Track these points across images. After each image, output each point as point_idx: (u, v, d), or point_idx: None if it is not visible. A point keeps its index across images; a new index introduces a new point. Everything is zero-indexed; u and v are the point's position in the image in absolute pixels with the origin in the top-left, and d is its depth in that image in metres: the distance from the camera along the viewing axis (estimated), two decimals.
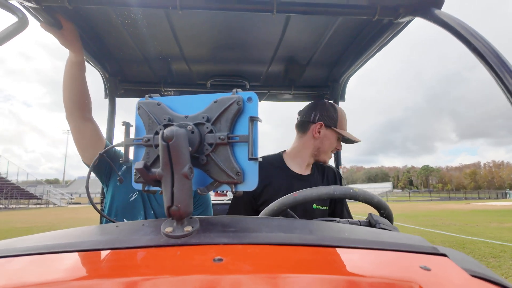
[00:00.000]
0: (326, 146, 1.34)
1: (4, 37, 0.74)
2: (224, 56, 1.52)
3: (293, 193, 0.82)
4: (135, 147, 0.60)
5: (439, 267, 0.43)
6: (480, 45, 0.69)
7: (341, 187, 0.84)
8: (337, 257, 0.46)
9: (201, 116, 0.55)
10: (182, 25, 1.23)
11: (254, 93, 0.56)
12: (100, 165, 1.29)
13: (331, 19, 1.20)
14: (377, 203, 0.87)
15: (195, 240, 0.46)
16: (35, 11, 0.97)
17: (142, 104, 0.59)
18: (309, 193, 0.82)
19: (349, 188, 0.85)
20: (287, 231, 0.50)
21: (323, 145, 1.34)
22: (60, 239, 0.51)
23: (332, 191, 0.83)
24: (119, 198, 1.27)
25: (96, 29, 1.26)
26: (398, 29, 1.11)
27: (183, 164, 0.46)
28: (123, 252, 0.45)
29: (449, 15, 0.79)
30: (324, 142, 1.34)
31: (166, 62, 1.57)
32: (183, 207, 0.47)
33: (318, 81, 1.83)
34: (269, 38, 1.34)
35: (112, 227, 0.54)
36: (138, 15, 1.14)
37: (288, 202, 0.81)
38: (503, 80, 0.64)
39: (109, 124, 1.74)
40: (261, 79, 1.79)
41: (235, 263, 0.41)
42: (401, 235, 0.56)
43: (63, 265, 0.43)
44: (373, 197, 0.86)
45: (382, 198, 0.90)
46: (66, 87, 1.16)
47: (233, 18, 1.18)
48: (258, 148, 0.55)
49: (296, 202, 0.81)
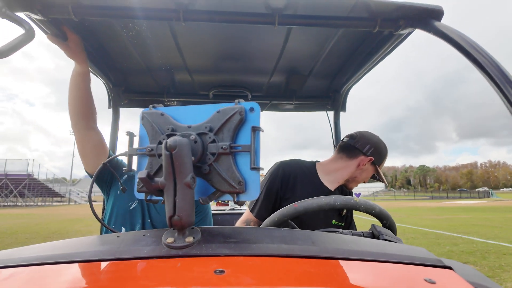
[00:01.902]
0: (362, 178, 1.37)
1: (11, 48, 0.76)
2: (226, 66, 1.54)
3: (293, 204, 0.82)
4: (138, 156, 0.61)
5: (444, 280, 0.42)
6: (480, 57, 0.69)
7: (342, 197, 0.83)
8: (340, 269, 0.45)
9: (204, 126, 0.56)
10: (185, 37, 1.25)
11: (256, 103, 0.56)
12: (101, 174, 1.29)
13: (332, 31, 1.22)
14: (379, 213, 0.86)
15: (196, 251, 0.45)
16: (42, 23, 0.99)
17: (145, 114, 0.59)
18: (310, 203, 0.81)
19: (350, 198, 0.84)
20: (289, 243, 0.50)
21: (361, 176, 1.37)
22: (61, 249, 0.50)
23: (333, 202, 0.82)
24: (120, 206, 1.27)
25: (101, 40, 1.29)
26: (398, 41, 1.12)
27: (185, 174, 0.46)
28: (124, 263, 0.44)
29: (449, 27, 0.80)
30: (363, 174, 1.36)
31: (169, 72, 1.59)
32: (185, 217, 0.46)
33: (320, 92, 1.84)
34: (270, 49, 1.35)
35: (113, 237, 0.54)
36: (142, 26, 1.17)
37: (289, 213, 0.80)
38: (503, 91, 0.64)
39: (112, 133, 1.75)
40: (263, 89, 1.80)
41: (236, 275, 0.40)
42: (405, 247, 0.56)
43: (63, 276, 0.42)
44: (375, 207, 0.85)
45: (369, 198, 0.89)
46: (71, 97, 1.17)
47: (235, 29, 1.21)
48: (260, 158, 0.55)
49: (297, 213, 0.80)
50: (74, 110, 1.18)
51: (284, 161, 1.37)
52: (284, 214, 0.80)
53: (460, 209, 19.89)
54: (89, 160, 1.23)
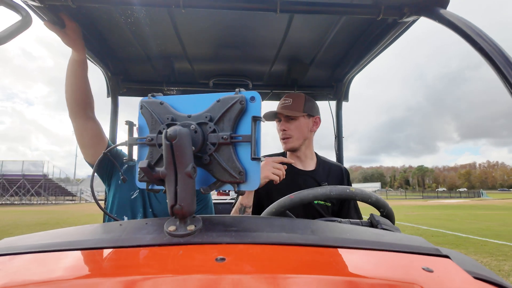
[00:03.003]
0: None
1: (7, 36, 0.74)
2: (227, 55, 1.52)
3: (289, 195, 0.83)
4: (139, 146, 0.61)
5: (442, 268, 0.43)
6: (486, 45, 0.68)
7: (338, 187, 0.85)
8: (339, 257, 0.46)
9: (204, 115, 0.55)
10: (185, 24, 1.23)
11: (257, 92, 0.55)
12: (102, 164, 1.29)
13: (335, 18, 1.19)
14: (375, 202, 0.87)
15: (197, 239, 0.46)
16: (39, 9, 0.97)
17: (145, 103, 0.59)
18: (306, 194, 0.83)
19: (346, 188, 0.85)
20: (289, 231, 0.50)
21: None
22: (64, 237, 0.51)
23: (329, 192, 0.83)
24: (121, 196, 1.28)
25: (99, 28, 1.27)
26: (402, 29, 1.10)
27: (186, 164, 0.46)
28: (127, 251, 0.45)
29: (455, 15, 0.78)
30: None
31: (168, 61, 1.57)
32: (186, 206, 0.47)
33: (322, 81, 1.82)
34: (272, 37, 1.33)
35: (115, 225, 0.54)
36: (141, 14, 1.14)
37: (285, 204, 0.82)
38: (509, 80, 0.63)
39: (112, 122, 1.75)
40: (264, 78, 1.78)
41: (237, 263, 0.41)
42: (403, 236, 0.56)
43: (66, 263, 0.43)
44: (371, 196, 0.86)
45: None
46: (68, 86, 1.16)
47: (236, 17, 1.18)
48: (260, 148, 0.55)
49: (293, 204, 0.82)
50: (71, 98, 1.17)
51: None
52: (281, 205, 0.82)
53: (437, 207, 21.76)
54: (88, 150, 1.23)
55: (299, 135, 1.36)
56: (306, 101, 1.37)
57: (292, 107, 1.35)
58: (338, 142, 1.83)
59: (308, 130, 1.39)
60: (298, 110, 1.34)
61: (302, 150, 1.39)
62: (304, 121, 1.37)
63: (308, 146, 1.41)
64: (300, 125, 1.36)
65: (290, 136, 1.36)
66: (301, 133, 1.36)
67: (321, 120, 1.45)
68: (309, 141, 1.41)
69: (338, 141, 1.83)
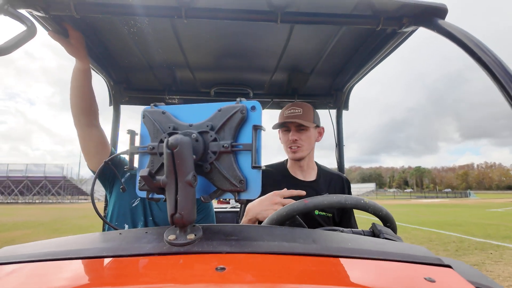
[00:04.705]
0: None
1: (13, 45, 0.76)
2: (228, 64, 1.54)
3: (303, 200, 0.82)
4: (140, 154, 0.61)
5: (444, 278, 0.42)
6: (484, 55, 0.69)
7: (353, 197, 0.84)
8: (341, 267, 0.45)
9: (205, 124, 0.56)
10: (187, 34, 1.25)
11: (258, 102, 0.56)
12: (104, 172, 1.29)
13: (335, 29, 1.21)
14: (385, 216, 0.87)
15: (197, 248, 0.46)
16: (43, 20, 0.99)
17: (147, 113, 0.59)
18: (320, 201, 0.82)
19: (361, 199, 0.85)
20: (290, 241, 0.50)
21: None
22: (64, 246, 0.51)
23: (344, 200, 0.82)
24: (122, 204, 1.28)
25: (102, 37, 1.29)
26: (401, 39, 1.11)
27: (187, 172, 0.46)
28: (126, 260, 0.45)
29: (453, 25, 0.79)
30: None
31: (170, 70, 1.59)
32: (186, 214, 0.47)
33: (322, 90, 1.83)
34: (273, 46, 1.35)
35: (115, 234, 0.54)
36: (143, 23, 1.16)
37: (298, 208, 0.80)
38: (507, 90, 0.63)
39: (113, 131, 1.76)
40: (265, 87, 1.80)
41: (237, 272, 0.40)
42: (405, 245, 0.56)
43: (66, 272, 0.43)
44: (382, 210, 0.87)
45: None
46: (73, 95, 1.18)
47: (238, 27, 1.20)
48: (261, 156, 0.55)
49: (306, 209, 0.81)
50: (75, 107, 1.18)
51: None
52: (293, 209, 0.81)
53: (411, 205, 25.14)
54: (92, 158, 1.24)
55: (308, 145, 1.36)
56: (314, 112, 1.38)
57: (303, 117, 1.34)
58: (339, 150, 1.83)
59: (314, 140, 1.39)
60: (309, 120, 1.34)
61: (305, 160, 1.39)
62: (313, 131, 1.37)
63: (311, 156, 1.41)
64: (310, 135, 1.36)
65: (300, 145, 1.35)
66: (310, 143, 1.37)
67: (324, 131, 1.46)
68: (312, 152, 1.42)
69: (339, 149, 1.83)
